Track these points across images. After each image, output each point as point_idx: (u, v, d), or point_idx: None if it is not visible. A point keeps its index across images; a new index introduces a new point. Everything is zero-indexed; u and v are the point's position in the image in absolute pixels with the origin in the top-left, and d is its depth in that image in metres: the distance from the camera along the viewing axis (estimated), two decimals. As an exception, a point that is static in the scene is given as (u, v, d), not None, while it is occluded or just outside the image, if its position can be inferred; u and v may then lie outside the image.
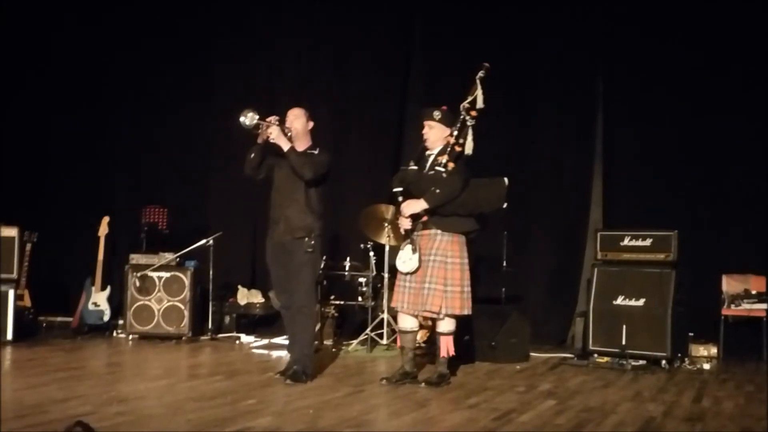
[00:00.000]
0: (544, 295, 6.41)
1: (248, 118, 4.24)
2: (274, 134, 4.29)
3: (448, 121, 4.27)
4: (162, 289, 6.09)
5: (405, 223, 4.27)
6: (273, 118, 4.35)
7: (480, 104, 4.17)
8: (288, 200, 4.37)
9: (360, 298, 5.96)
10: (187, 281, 6.09)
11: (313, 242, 4.31)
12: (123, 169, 7.30)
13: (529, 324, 5.64)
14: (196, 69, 7.14)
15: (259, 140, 4.35)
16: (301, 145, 4.44)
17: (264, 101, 6.34)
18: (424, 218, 4.24)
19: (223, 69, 7.12)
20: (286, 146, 4.31)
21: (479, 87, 4.17)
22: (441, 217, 4.22)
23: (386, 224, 5.81)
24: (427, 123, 4.31)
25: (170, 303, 6.08)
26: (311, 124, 4.53)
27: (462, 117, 4.19)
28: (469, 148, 4.18)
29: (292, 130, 4.40)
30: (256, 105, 4.37)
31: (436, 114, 4.27)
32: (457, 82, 4.43)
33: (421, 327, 4.79)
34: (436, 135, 4.28)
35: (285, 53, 7.04)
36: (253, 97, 6.20)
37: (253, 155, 4.37)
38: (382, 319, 5.71)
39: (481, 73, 4.21)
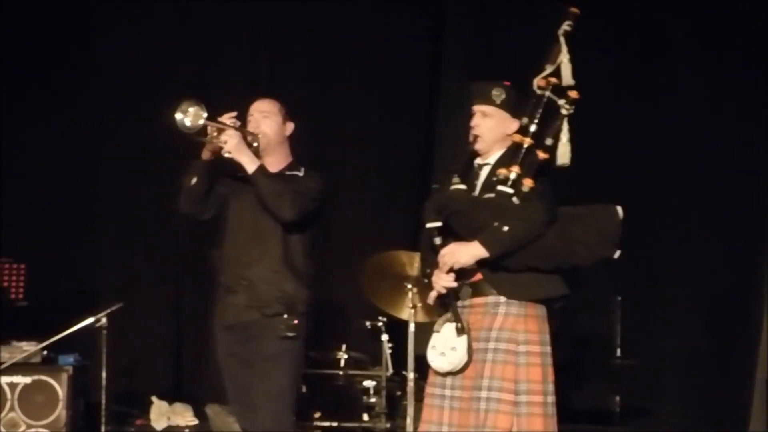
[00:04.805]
0: (690, 408, 6.37)
1: (190, 117, 4.31)
2: (231, 144, 4.38)
3: (515, 106, 4.24)
4: (17, 407, 6.08)
5: (444, 283, 4.25)
6: (230, 117, 4.46)
7: (568, 79, 4.14)
8: (254, 252, 4.49)
9: (366, 417, 6.04)
10: (61, 391, 6.09)
11: (296, 322, 4.39)
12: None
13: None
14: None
15: (205, 154, 4.45)
16: (276, 161, 4.57)
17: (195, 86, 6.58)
18: (478, 276, 4.21)
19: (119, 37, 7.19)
20: (251, 165, 4.41)
21: (564, 50, 4.16)
22: (506, 274, 4.17)
23: (409, 285, 5.87)
24: (479, 109, 4.25)
25: (32, 431, 6.06)
26: (290, 126, 4.66)
27: (541, 100, 4.17)
28: (564, 156, 4.15)
29: (260, 138, 4.51)
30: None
31: (497, 93, 4.25)
32: (526, 48, 4.42)
33: (474, 469, 5.23)
34: (494, 130, 4.21)
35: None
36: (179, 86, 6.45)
37: (194, 180, 4.47)
38: (405, 454, 5.75)
39: (566, 26, 4.18)
